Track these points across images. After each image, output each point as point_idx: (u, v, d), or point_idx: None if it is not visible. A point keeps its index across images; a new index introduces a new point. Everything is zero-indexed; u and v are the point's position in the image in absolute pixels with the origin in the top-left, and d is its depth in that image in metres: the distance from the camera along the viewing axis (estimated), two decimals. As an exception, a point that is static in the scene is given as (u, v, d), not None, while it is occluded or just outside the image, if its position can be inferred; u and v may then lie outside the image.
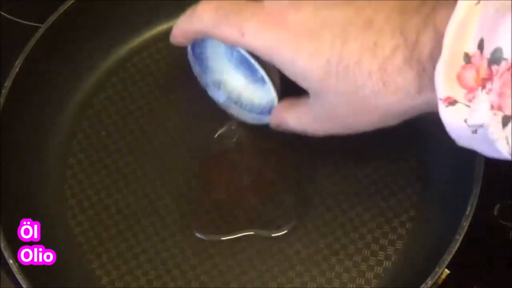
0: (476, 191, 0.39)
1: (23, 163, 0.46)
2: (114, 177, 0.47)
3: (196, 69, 0.47)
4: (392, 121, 0.36)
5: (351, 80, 0.34)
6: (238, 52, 0.40)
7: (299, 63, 0.35)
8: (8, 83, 0.45)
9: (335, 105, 0.36)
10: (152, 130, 0.49)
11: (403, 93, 0.33)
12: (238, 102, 0.47)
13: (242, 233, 0.44)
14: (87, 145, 0.49)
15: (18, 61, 0.46)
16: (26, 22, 0.57)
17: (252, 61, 0.40)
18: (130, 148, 0.49)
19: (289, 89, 0.40)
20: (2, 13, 0.58)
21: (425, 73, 0.32)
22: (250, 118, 0.47)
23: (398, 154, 0.46)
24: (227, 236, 0.44)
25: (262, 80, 0.42)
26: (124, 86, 0.51)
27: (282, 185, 0.46)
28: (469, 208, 0.39)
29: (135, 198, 0.46)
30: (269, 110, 0.44)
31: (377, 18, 0.33)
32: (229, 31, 0.37)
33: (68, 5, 0.48)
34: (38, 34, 0.47)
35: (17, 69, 0.45)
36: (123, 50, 0.53)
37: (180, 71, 0.52)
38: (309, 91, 0.37)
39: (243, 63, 0.44)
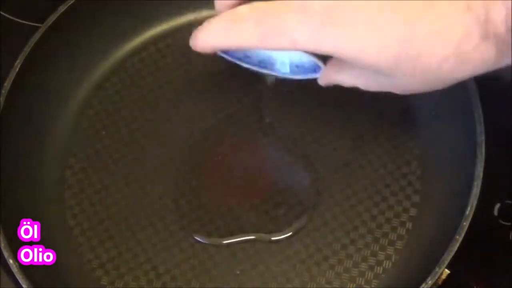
0: (476, 191, 0.39)
1: (23, 163, 0.46)
2: (114, 177, 0.47)
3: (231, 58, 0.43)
4: (454, 83, 0.35)
5: (425, 65, 0.33)
6: None
7: (367, 60, 0.33)
8: (8, 83, 0.45)
9: (404, 80, 0.35)
10: (152, 130, 0.49)
11: (481, 65, 0.32)
12: (273, 64, 0.42)
13: (242, 237, 0.44)
14: (87, 145, 0.49)
15: (18, 61, 0.46)
16: (26, 22, 0.57)
17: None
18: (130, 148, 0.49)
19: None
20: (2, 13, 0.58)
21: (504, 43, 0.31)
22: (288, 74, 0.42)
23: (398, 154, 0.46)
24: (227, 240, 0.44)
25: None
26: (124, 86, 0.51)
27: (282, 186, 0.46)
28: (469, 208, 0.38)
29: (135, 198, 0.46)
30: (311, 68, 0.41)
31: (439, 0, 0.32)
32: (279, 44, 0.34)
33: (68, 5, 0.48)
34: (38, 34, 0.47)
35: (17, 69, 0.45)
36: (123, 50, 0.53)
37: (180, 70, 0.52)
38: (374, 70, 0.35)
39: None
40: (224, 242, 0.44)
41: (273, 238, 0.44)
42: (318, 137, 0.47)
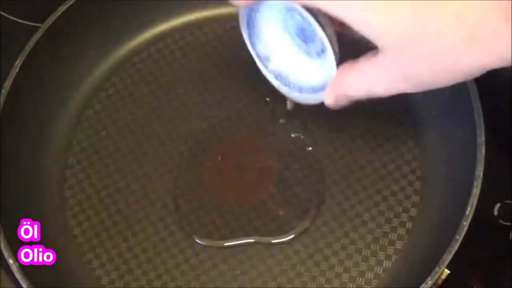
0: (476, 191, 0.39)
1: (23, 163, 0.46)
2: (114, 177, 0.47)
3: (248, 40, 0.43)
4: (464, 78, 0.34)
5: (435, 48, 0.32)
6: (295, 20, 0.40)
7: (379, 21, 0.33)
8: (8, 83, 0.45)
9: (412, 63, 0.34)
10: (152, 130, 0.49)
11: (495, 48, 0.32)
12: (286, 78, 0.44)
13: (243, 239, 0.44)
14: (87, 145, 0.49)
15: (18, 61, 0.46)
16: (26, 22, 0.57)
17: (316, 26, 0.37)
18: (130, 148, 0.49)
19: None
20: (2, 13, 0.58)
21: None
22: (298, 96, 0.43)
23: (399, 154, 0.46)
24: (228, 242, 0.44)
25: (320, 53, 0.40)
26: (124, 86, 0.51)
27: (283, 186, 0.46)
28: (469, 208, 0.38)
29: (135, 198, 0.46)
30: (321, 87, 0.41)
31: None
32: None
33: (68, 5, 0.48)
34: (38, 34, 0.47)
35: (17, 69, 0.45)
36: (123, 50, 0.53)
37: (180, 70, 0.52)
38: (383, 48, 0.35)
39: (299, 35, 0.42)
40: (225, 244, 0.44)
41: (274, 241, 0.44)
42: (318, 138, 0.47)
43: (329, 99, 0.40)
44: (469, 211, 0.38)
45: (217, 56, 0.52)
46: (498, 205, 0.46)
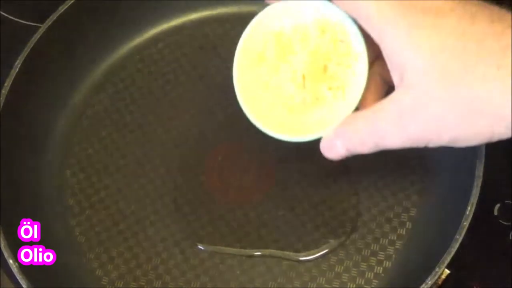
0: (476, 191, 0.39)
1: (23, 163, 0.46)
2: (114, 177, 0.47)
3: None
4: (475, 131, 0.32)
5: (465, 58, 0.31)
6: None
7: (417, 33, 0.32)
8: (8, 83, 0.45)
9: (431, 91, 0.32)
10: (152, 130, 0.49)
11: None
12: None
13: (248, 249, 0.44)
14: (87, 145, 0.49)
15: (18, 61, 0.46)
16: (26, 22, 0.57)
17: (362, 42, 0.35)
18: (130, 148, 0.49)
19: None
20: (2, 13, 0.58)
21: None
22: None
23: (399, 154, 0.46)
24: (228, 247, 0.44)
25: (322, 100, 0.38)
26: (124, 86, 0.51)
27: (282, 187, 0.46)
28: (469, 208, 0.38)
29: (135, 198, 0.47)
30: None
31: (506, 16, 0.31)
32: None
33: (68, 5, 0.48)
34: (38, 34, 0.47)
35: (17, 69, 0.45)
36: (123, 50, 0.53)
37: (180, 71, 0.52)
38: (406, 73, 0.33)
39: None
40: (227, 252, 0.44)
41: (301, 259, 0.43)
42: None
43: (327, 151, 0.37)
44: (469, 211, 0.38)
45: (217, 56, 0.52)
46: (498, 205, 0.46)
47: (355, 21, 0.36)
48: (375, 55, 0.36)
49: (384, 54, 0.34)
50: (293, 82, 0.39)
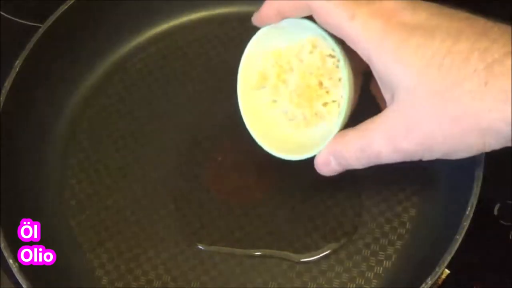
0: (476, 191, 0.39)
1: (23, 163, 0.46)
2: (114, 177, 0.47)
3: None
4: (468, 144, 0.33)
5: (452, 76, 0.32)
6: None
7: (403, 53, 0.33)
8: (8, 83, 0.45)
9: (421, 109, 0.33)
10: (152, 130, 0.49)
11: (502, 98, 0.31)
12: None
13: (248, 249, 0.44)
14: (87, 145, 0.49)
15: (18, 61, 0.46)
16: (26, 22, 0.57)
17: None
18: (130, 148, 0.49)
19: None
20: (2, 13, 0.58)
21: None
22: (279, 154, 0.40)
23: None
24: (228, 247, 0.44)
25: (320, 117, 0.39)
26: (124, 86, 0.51)
27: (282, 187, 0.46)
28: (469, 208, 0.38)
29: (135, 199, 0.47)
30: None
31: (492, 30, 0.32)
32: (339, 11, 0.35)
33: (68, 5, 0.48)
34: (38, 34, 0.47)
35: (17, 69, 0.45)
36: (123, 50, 0.53)
37: (180, 71, 0.52)
38: (396, 92, 0.34)
39: None
40: (225, 252, 0.44)
41: (301, 260, 0.43)
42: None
43: (320, 163, 0.38)
44: (469, 211, 0.38)
45: (217, 56, 0.52)
46: (498, 205, 0.46)
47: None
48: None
49: (373, 73, 0.35)
50: (291, 101, 0.40)
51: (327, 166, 0.38)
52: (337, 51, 0.37)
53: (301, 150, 0.39)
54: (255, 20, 0.40)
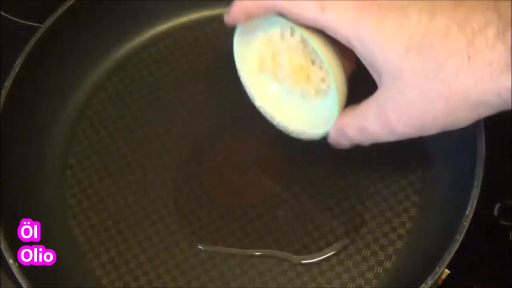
0: (476, 191, 0.39)
1: (23, 163, 0.46)
2: (114, 177, 0.47)
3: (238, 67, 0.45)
4: (461, 118, 0.34)
5: (434, 56, 0.32)
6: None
7: (380, 38, 0.33)
8: (8, 83, 0.45)
9: (408, 92, 0.33)
10: (152, 130, 0.49)
11: (487, 70, 0.31)
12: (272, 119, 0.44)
13: (248, 249, 0.44)
14: (87, 145, 0.49)
15: (18, 61, 0.46)
16: (26, 22, 0.57)
17: (320, 53, 0.37)
18: (130, 148, 0.49)
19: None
20: (2, 13, 0.58)
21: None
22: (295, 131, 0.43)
23: (398, 154, 0.46)
24: (228, 247, 0.44)
25: (323, 91, 0.40)
26: (124, 86, 0.51)
27: (282, 187, 0.46)
28: (469, 208, 0.38)
29: (135, 199, 0.46)
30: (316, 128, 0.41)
31: None
32: (309, 6, 0.35)
33: (68, 5, 0.48)
34: (38, 34, 0.47)
35: (17, 69, 0.45)
36: (123, 50, 0.53)
37: (180, 71, 0.52)
38: (382, 76, 0.34)
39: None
40: (225, 252, 0.44)
41: (302, 262, 0.43)
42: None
43: (331, 139, 0.40)
44: (469, 211, 0.38)
45: (217, 56, 0.52)
46: (498, 205, 0.46)
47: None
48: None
49: (358, 57, 0.35)
50: (291, 82, 0.42)
51: (338, 142, 0.40)
52: (304, 34, 0.37)
53: (315, 127, 0.41)
54: (226, 20, 0.41)
